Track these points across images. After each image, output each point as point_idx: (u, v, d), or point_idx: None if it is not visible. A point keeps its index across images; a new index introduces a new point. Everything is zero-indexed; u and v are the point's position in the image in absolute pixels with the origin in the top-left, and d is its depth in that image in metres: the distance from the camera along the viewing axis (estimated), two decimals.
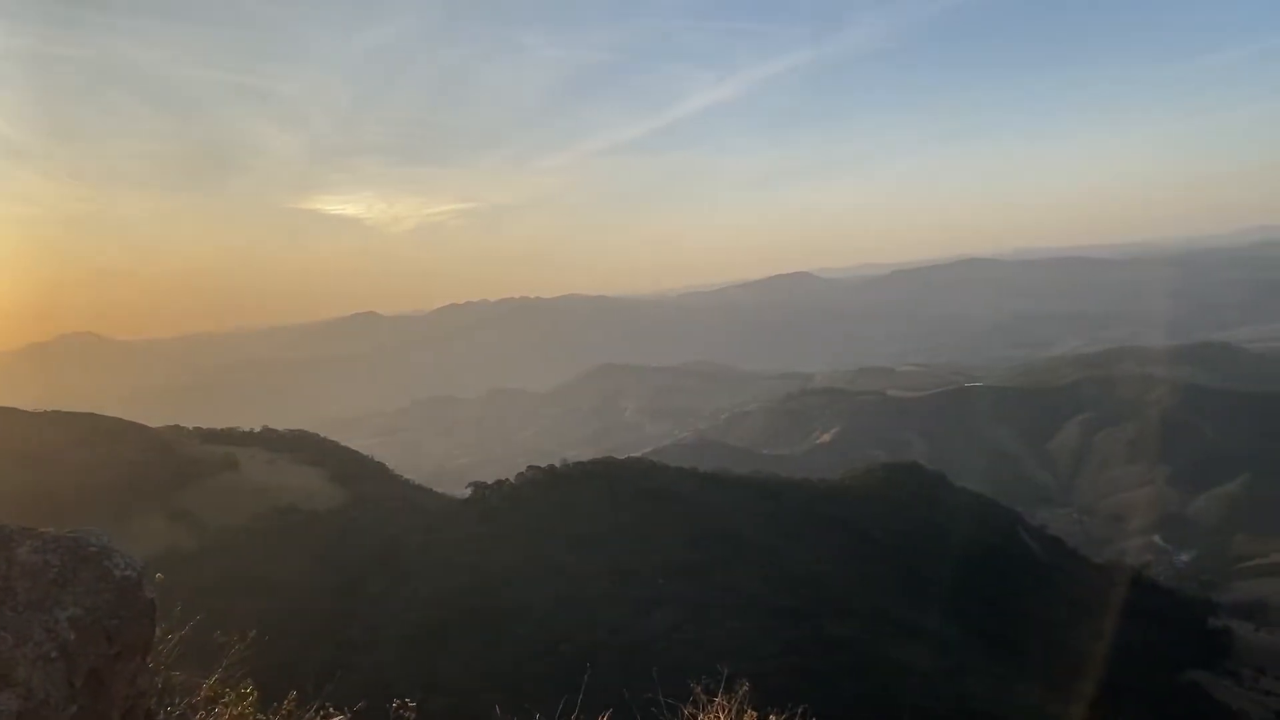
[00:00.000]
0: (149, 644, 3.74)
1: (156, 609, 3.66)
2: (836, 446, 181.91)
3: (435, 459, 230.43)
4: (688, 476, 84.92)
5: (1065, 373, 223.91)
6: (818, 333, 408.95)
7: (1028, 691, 55.72)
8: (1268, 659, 71.48)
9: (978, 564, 78.62)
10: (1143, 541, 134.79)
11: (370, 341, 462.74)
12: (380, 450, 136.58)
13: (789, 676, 49.17)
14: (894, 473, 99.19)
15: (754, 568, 65.74)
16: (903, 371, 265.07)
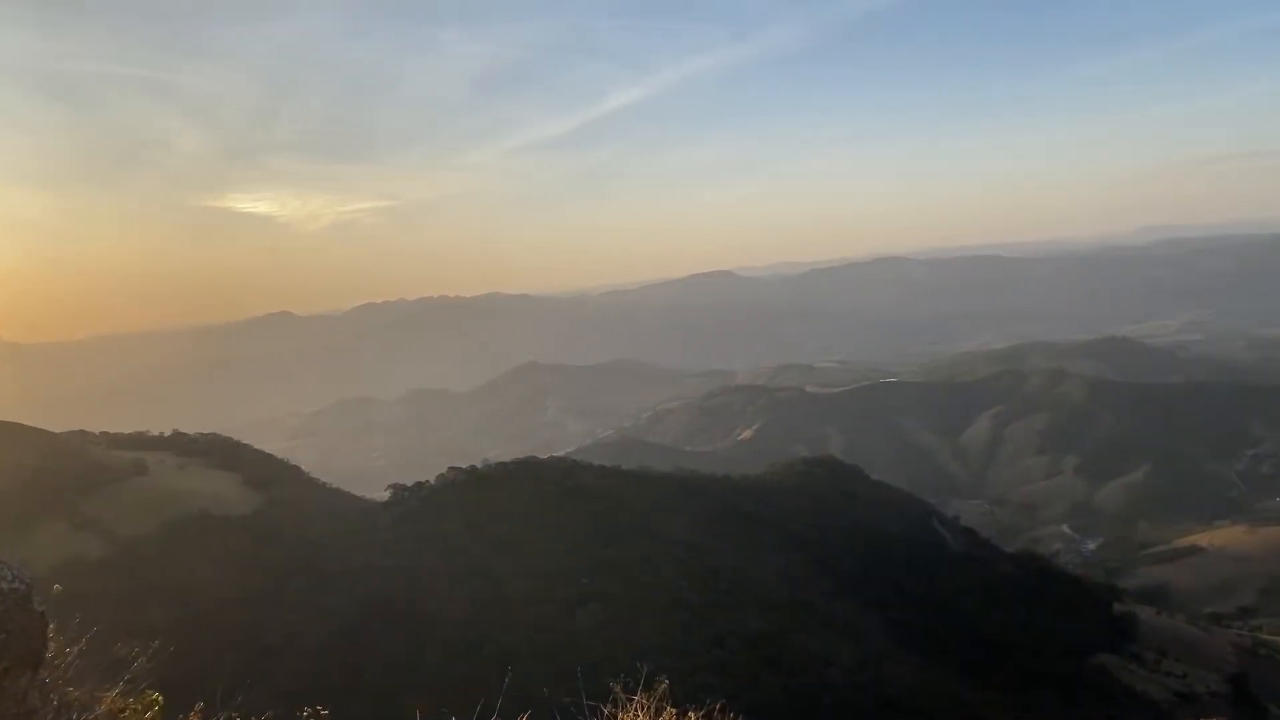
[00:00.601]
0: (40, 658, 3.54)
1: (48, 622, 3.46)
2: (758, 442, 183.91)
3: (353, 461, 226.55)
4: (611, 475, 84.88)
5: (977, 368, 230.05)
6: (738, 331, 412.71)
7: (944, 679, 56.98)
8: (1169, 642, 74.27)
9: (895, 555, 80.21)
10: (1052, 530, 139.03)
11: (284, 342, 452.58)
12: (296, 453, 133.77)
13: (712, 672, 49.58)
14: (813, 467, 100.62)
15: (677, 564, 65.93)
16: (822, 368, 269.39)
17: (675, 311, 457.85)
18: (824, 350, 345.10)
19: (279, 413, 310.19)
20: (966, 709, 48.88)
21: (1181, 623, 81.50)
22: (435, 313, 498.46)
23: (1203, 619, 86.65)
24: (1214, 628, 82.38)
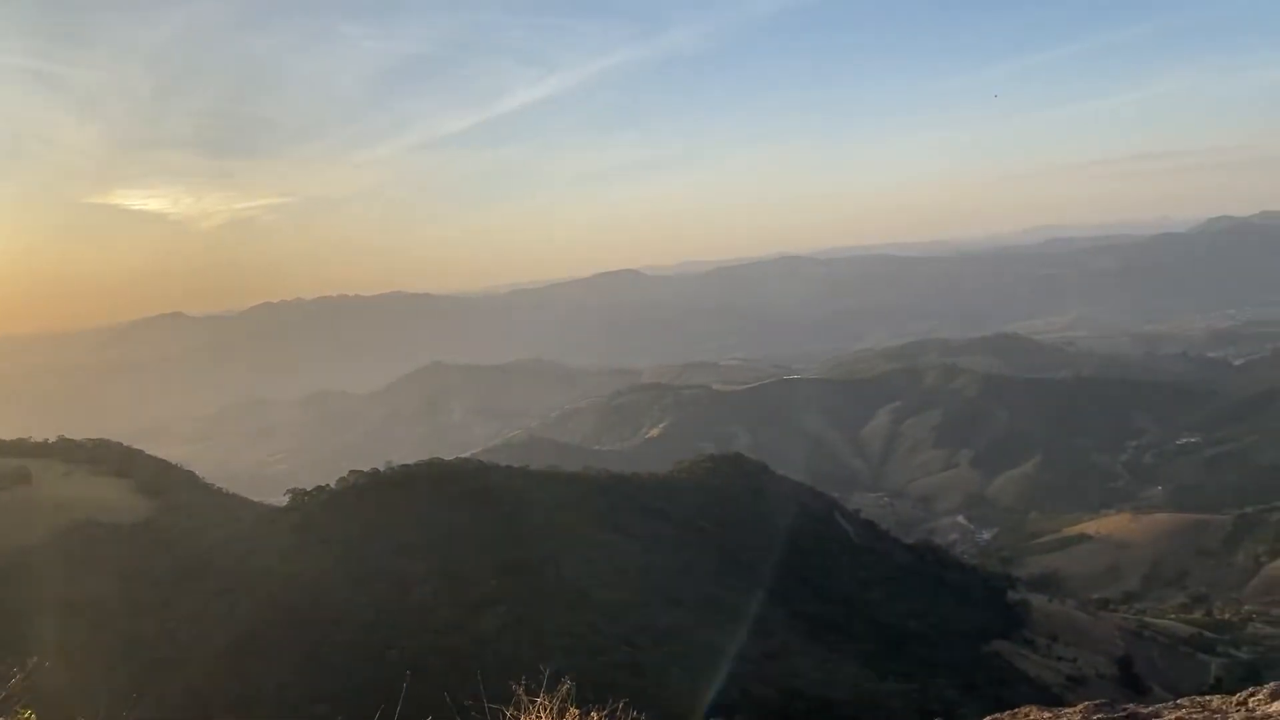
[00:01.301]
0: None
1: None
2: (665, 440, 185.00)
3: (251, 466, 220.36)
4: (518, 475, 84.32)
5: (876, 364, 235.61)
6: (646, 329, 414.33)
7: (847, 669, 58.17)
8: (1060, 627, 77.18)
9: (799, 549, 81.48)
10: (948, 521, 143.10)
11: (177, 344, 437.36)
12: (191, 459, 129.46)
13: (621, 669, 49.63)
14: (719, 464, 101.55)
15: (585, 563, 65.87)
16: (727, 366, 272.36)
17: (582, 310, 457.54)
18: (729, 348, 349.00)
19: (173, 417, 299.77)
20: (868, 697, 49.96)
21: (1071, 608, 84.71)
22: (336, 312, 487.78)
23: (1091, 604, 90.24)
24: (1101, 612, 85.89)
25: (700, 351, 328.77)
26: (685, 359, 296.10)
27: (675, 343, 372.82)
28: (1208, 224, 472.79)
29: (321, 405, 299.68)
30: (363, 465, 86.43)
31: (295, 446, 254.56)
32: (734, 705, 44.39)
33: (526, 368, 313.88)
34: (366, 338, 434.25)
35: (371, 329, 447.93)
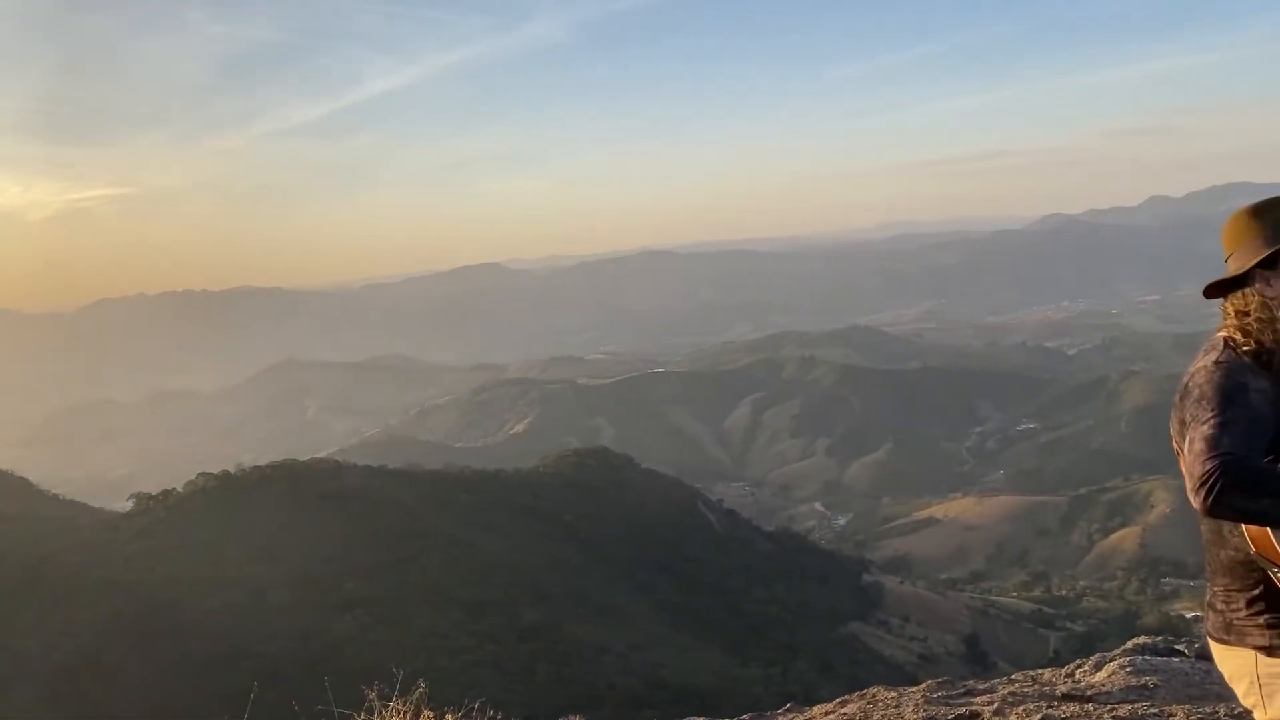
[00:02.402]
0: None
1: None
2: (530, 436, 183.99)
3: (91, 471, 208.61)
4: (377, 474, 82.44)
5: (737, 357, 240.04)
6: (508, 324, 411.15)
7: (711, 657, 59.22)
8: (911, 607, 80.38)
9: (663, 540, 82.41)
10: (806, 508, 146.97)
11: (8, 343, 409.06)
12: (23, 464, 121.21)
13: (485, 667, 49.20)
14: (585, 458, 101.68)
15: (448, 562, 65.02)
16: (592, 360, 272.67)
17: (442, 304, 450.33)
18: (594, 342, 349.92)
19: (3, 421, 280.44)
20: (731, 683, 50.96)
21: (922, 589, 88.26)
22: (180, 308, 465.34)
23: (940, 584, 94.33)
24: (950, 592, 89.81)
25: (565, 346, 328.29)
26: (550, 353, 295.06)
27: (539, 337, 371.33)
28: (1041, 221, 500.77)
29: (167, 406, 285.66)
30: (212, 467, 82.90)
31: (139, 449, 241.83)
32: (600, 698, 44.58)
33: (384, 364, 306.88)
34: (214, 335, 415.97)
35: (220, 325, 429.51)
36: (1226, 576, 2.16)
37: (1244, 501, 1.89)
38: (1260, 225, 2.20)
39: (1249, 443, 1.97)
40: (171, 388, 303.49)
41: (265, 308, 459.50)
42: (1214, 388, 2.06)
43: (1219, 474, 1.89)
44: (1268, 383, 2.09)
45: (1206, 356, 2.19)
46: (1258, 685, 2.12)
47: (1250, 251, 2.19)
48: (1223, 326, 2.27)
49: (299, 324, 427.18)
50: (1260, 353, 2.14)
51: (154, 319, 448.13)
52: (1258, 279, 2.20)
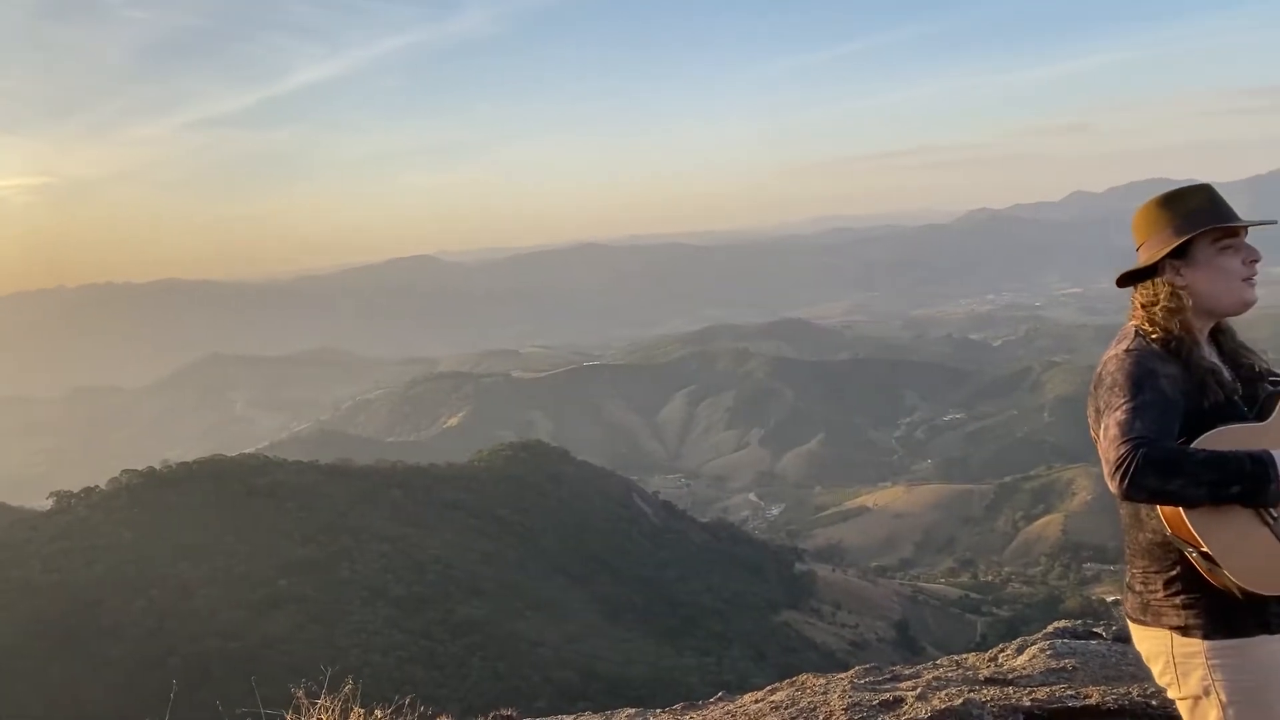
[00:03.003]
0: None
1: None
2: (464, 430, 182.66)
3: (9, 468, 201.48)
4: (307, 470, 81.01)
5: (671, 349, 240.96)
6: (441, 316, 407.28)
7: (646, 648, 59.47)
8: (843, 595, 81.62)
9: (599, 532, 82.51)
10: (740, 499, 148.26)
11: None
12: None
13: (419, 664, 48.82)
14: (519, 452, 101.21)
15: (381, 558, 64.32)
16: (527, 353, 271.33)
17: (374, 297, 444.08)
18: (529, 335, 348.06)
19: None
20: (666, 673, 51.26)
21: (853, 577, 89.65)
22: (102, 301, 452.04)
23: (871, 572, 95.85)
24: (880, 579, 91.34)
25: (499, 339, 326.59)
26: (484, 347, 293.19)
27: (473, 330, 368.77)
28: (967, 216, 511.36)
29: (89, 401, 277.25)
30: (137, 464, 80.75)
31: (60, 446, 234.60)
32: (535, 691, 44.51)
33: (315, 358, 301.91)
34: (138, 328, 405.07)
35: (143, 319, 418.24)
36: (1145, 559, 2.20)
37: (1158, 483, 1.92)
38: (1169, 215, 2.22)
39: (1161, 427, 2.00)
40: (93, 383, 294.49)
41: (191, 301, 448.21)
42: (1125, 375, 2.10)
43: (1133, 458, 1.93)
44: (1176, 369, 2.13)
45: (1118, 345, 2.23)
46: (1173, 664, 2.15)
47: (1160, 242, 2.23)
48: (1133, 316, 2.31)
49: (226, 317, 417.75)
50: (1169, 340, 2.17)
51: (74, 312, 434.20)
52: (1167, 269, 2.23)
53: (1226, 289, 2.20)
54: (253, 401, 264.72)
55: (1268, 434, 2.11)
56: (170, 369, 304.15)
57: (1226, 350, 2.33)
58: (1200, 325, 2.25)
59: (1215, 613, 2.09)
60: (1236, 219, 2.21)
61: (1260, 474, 1.95)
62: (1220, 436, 2.06)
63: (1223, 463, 1.94)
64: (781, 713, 3.42)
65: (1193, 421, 2.09)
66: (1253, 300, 2.23)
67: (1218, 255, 2.20)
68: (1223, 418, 2.12)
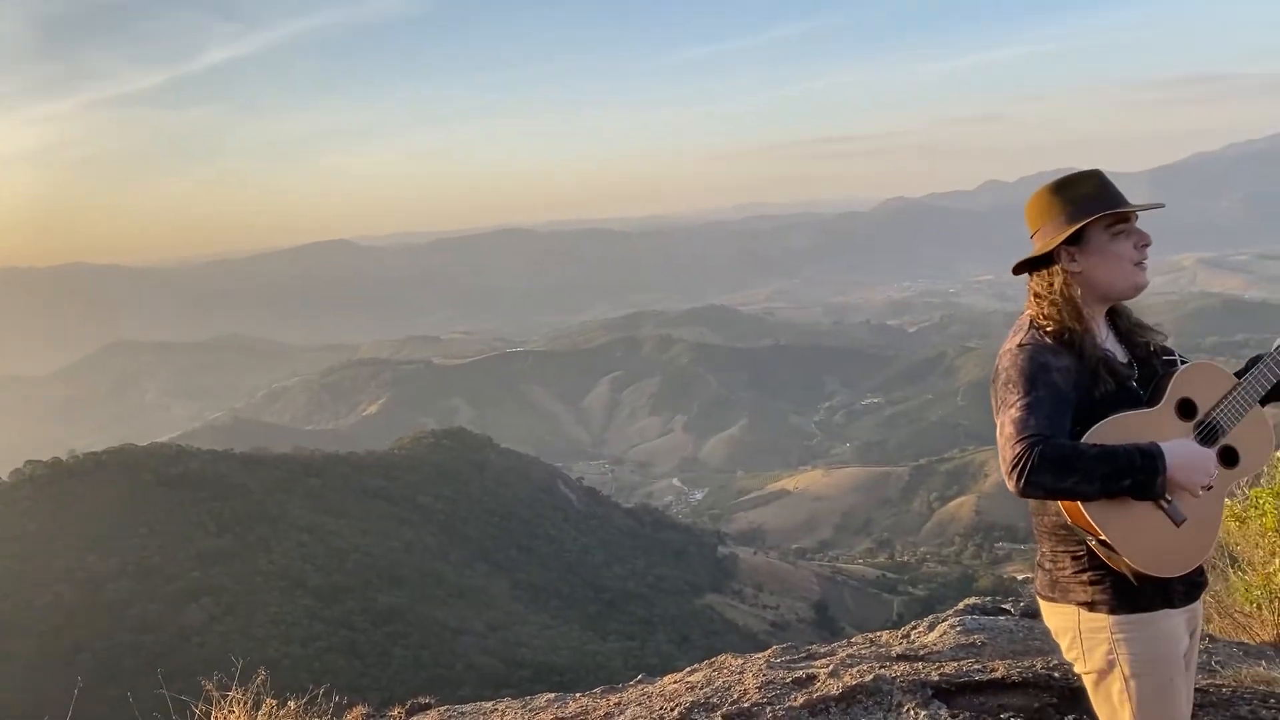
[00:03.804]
0: None
1: None
2: (384, 417, 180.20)
3: None
4: (222, 460, 79.02)
5: (596, 336, 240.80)
6: (360, 303, 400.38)
7: (570, 634, 59.55)
8: (764, 577, 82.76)
9: (523, 520, 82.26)
10: (665, 484, 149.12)
11: None
12: None
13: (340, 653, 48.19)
14: (441, 439, 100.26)
15: (298, 548, 63.23)
16: (448, 340, 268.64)
17: (291, 282, 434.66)
18: (450, 321, 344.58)
19: None
20: (590, 659, 51.42)
21: (774, 559, 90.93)
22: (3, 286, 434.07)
23: (791, 554, 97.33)
24: (800, 561, 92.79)
25: (420, 325, 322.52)
26: (404, 333, 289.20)
27: (393, 316, 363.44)
28: (885, 204, 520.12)
29: None
30: (41, 455, 77.90)
31: None
32: (458, 679, 44.28)
33: (229, 344, 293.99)
34: (42, 314, 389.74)
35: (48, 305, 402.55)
36: (1052, 539, 2.23)
37: (1053, 481, 1.95)
38: (1061, 203, 2.23)
39: (1054, 423, 2.02)
40: None
41: (100, 286, 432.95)
42: (1018, 371, 2.12)
43: (1028, 457, 1.95)
44: (1070, 360, 2.14)
45: (1013, 339, 2.25)
46: (1080, 639, 2.19)
47: (1054, 229, 2.23)
48: (1028, 305, 2.32)
49: (137, 303, 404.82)
50: (1063, 331, 2.18)
51: None
52: (1063, 256, 2.24)
53: (1120, 274, 2.22)
54: (165, 390, 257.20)
55: (1157, 420, 2.14)
56: (76, 356, 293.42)
57: (1122, 330, 2.34)
58: (1094, 310, 2.26)
59: (1120, 589, 2.13)
60: (1127, 204, 2.22)
61: (1149, 467, 1.97)
62: (1111, 426, 2.08)
63: (1114, 458, 1.96)
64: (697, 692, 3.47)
65: (1087, 411, 2.11)
66: (1144, 284, 2.25)
67: (1111, 241, 2.21)
68: (1117, 405, 2.13)
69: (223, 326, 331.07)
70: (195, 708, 4.82)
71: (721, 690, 3.44)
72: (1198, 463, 2.05)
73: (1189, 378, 2.22)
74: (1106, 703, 2.20)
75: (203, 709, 4.81)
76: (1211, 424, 2.19)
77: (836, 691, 3.26)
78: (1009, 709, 3.17)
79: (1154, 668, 2.14)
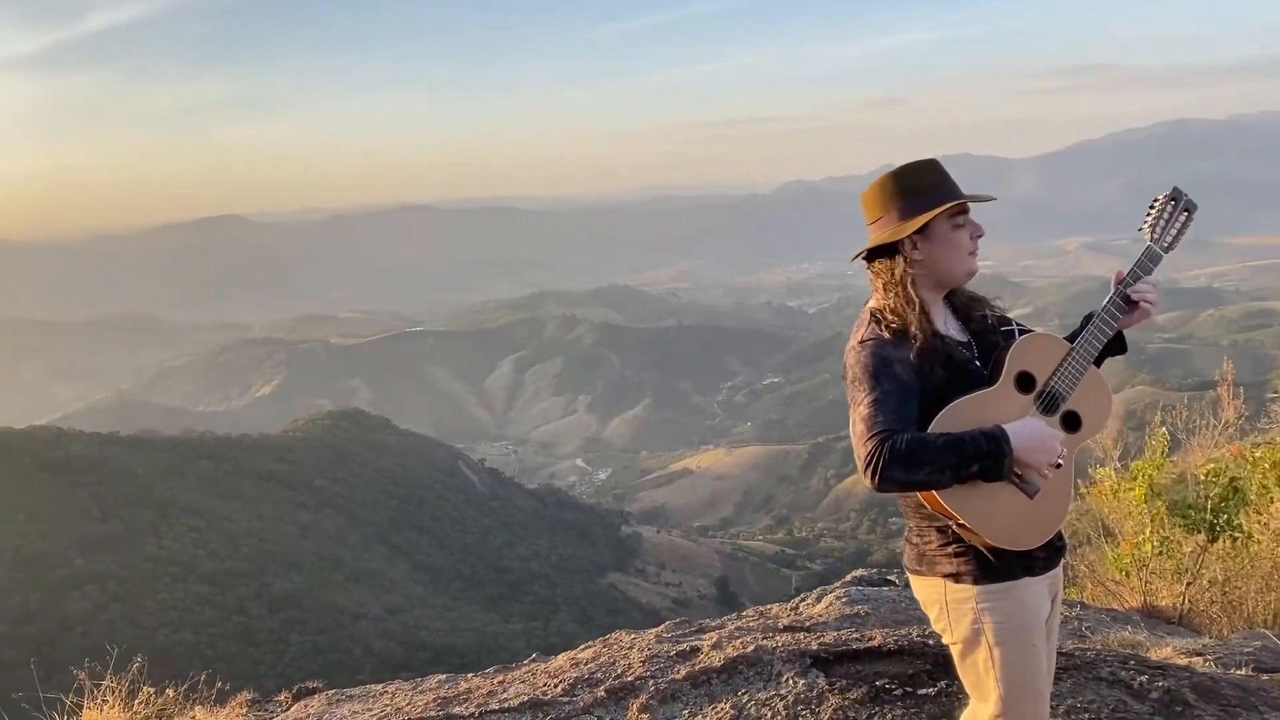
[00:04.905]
0: None
1: None
2: (278, 398, 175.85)
3: None
4: (107, 442, 76.03)
5: (498, 316, 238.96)
6: (254, 280, 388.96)
7: (471, 616, 59.27)
8: (667, 555, 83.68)
9: (423, 502, 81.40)
10: (569, 465, 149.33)
11: None
12: None
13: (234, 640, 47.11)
14: (338, 420, 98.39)
15: (191, 533, 61.37)
16: (345, 318, 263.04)
17: (181, 258, 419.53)
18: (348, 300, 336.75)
19: None
20: (492, 640, 51.29)
21: (677, 537, 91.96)
22: None
23: (694, 532, 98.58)
24: (702, 539, 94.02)
25: (316, 304, 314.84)
26: (299, 312, 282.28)
27: (289, 295, 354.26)
28: (786, 186, 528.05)
29: None
30: None
31: None
32: (357, 663, 43.70)
33: (115, 323, 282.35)
34: None
35: None
36: (917, 516, 2.29)
37: (905, 475, 2.00)
38: (905, 192, 2.27)
39: (902, 416, 2.08)
40: None
41: None
42: (862, 368, 2.18)
43: (879, 453, 2.00)
44: (910, 351, 2.19)
45: (856, 335, 2.30)
46: (946, 610, 2.25)
47: (897, 218, 2.27)
48: (871, 296, 2.37)
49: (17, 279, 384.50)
50: (903, 320, 2.23)
51: None
52: (906, 245, 2.28)
53: (958, 261, 2.28)
54: (47, 370, 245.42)
55: (998, 399, 2.21)
56: None
57: (959, 305, 2.40)
58: (932, 295, 2.32)
59: (984, 560, 2.20)
60: (963, 195, 2.28)
61: (995, 450, 2.05)
62: (956, 411, 2.14)
63: (960, 446, 2.03)
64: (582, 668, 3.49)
65: (933, 397, 2.16)
66: (976, 269, 2.33)
67: (952, 231, 2.26)
68: (961, 388, 2.20)
69: (110, 304, 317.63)
70: (65, 700, 4.62)
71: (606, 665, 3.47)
72: (1042, 441, 2.12)
73: (1024, 350, 2.28)
74: (972, 670, 2.26)
75: (74, 701, 4.62)
76: (1051, 393, 2.25)
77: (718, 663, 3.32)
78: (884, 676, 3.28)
79: (1017, 635, 2.21)
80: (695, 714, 3.10)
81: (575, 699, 3.20)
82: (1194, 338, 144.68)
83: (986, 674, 2.23)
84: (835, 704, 3.09)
